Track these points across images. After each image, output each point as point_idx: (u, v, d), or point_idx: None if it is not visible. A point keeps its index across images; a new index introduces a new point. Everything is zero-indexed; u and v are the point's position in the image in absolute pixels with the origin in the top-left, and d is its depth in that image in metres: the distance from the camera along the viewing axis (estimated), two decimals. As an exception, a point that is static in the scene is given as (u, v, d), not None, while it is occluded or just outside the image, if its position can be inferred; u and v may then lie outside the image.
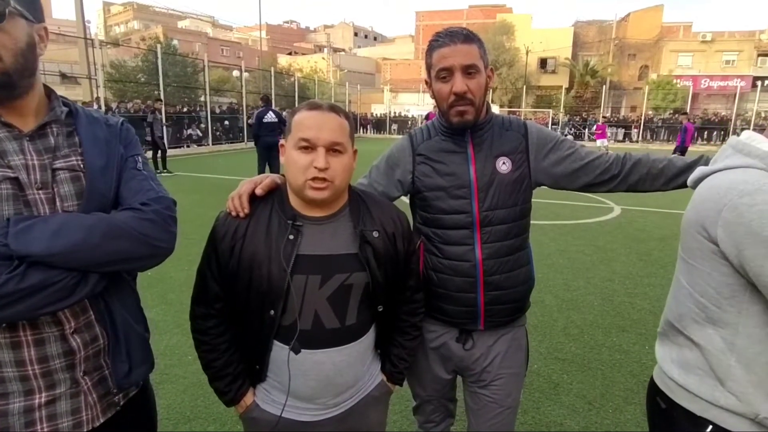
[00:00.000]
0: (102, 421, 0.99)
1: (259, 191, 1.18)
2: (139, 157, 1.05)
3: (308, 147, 1.08)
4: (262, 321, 1.13)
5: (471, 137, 1.40)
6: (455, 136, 1.41)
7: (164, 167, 11.39)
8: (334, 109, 1.12)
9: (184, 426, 2.37)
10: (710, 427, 0.99)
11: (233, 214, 1.15)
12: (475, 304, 1.39)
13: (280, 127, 8.66)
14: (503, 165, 1.38)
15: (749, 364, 0.94)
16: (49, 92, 0.99)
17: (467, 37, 1.30)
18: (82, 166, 0.96)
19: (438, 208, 1.40)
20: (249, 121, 9.78)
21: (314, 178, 1.07)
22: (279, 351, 1.15)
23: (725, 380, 0.97)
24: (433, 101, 1.44)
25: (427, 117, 14.90)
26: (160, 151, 11.57)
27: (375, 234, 1.17)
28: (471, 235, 1.37)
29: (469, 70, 1.29)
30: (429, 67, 1.37)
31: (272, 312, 1.11)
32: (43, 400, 0.91)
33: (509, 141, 1.41)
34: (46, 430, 0.92)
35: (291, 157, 1.10)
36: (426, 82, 1.42)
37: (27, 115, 0.93)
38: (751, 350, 0.94)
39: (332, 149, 1.09)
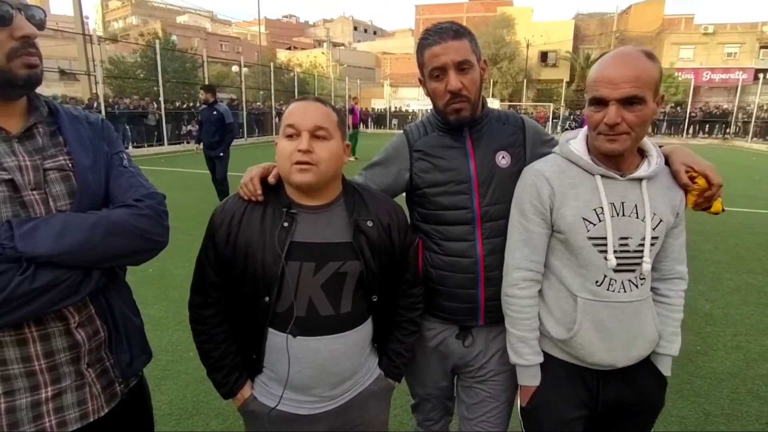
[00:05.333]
0: (107, 411, 1.02)
1: (271, 179, 1.21)
2: (124, 154, 1.08)
3: (293, 134, 1.12)
4: (257, 308, 1.16)
5: (469, 132, 1.39)
6: (453, 132, 1.40)
7: None
8: (319, 99, 1.19)
9: (186, 421, 2.39)
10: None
11: (246, 198, 1.20)
12: (476, 300, 1.39)
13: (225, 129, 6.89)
14: (503, 159, 1.38)
15: (543, 295, 1.31)
16: None
17: (457, 32, 1.29)
18: (71, 165, 0.98)
19: (438, 204, 1.39)
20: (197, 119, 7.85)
21: (298, 162, 1.11)
22: (274, 339, 1.17)
23: (540, 309, 1.32)
24: (427, 98, 1.42)
25: (352, 110, 14.44)
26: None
27: (369, 224, 1.20)
28: (472, 231, 1.37)
29: (462, 66, 1.29)
30: (421, 66, 1.36)
31: (267, 299, 1.14)
32: (49, 393, 0.93)
33: (507, 135, 1.41)
34: (54, 422, 0.94)
35: (279, 146, 1.16)
36: (420, 81, 1.41)
37: (14, 116, 0.95)
38: (542, 285, 1.32)
39: (316, 134, 1.13)
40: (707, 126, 26.90)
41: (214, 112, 6.83)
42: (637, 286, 1.22)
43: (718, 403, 2.60)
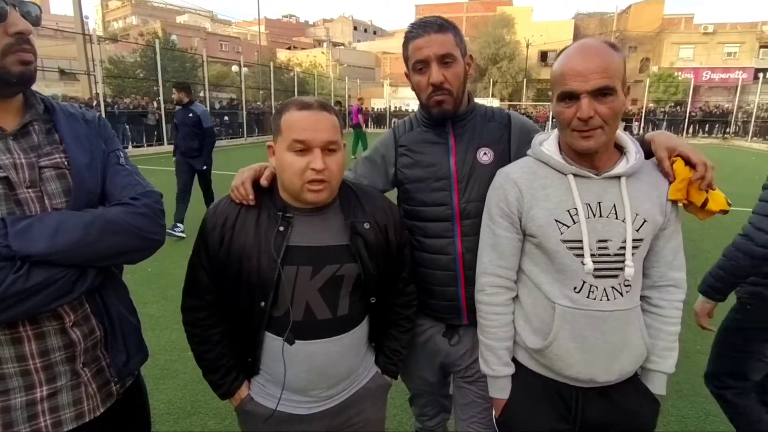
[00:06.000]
0: (102, 410, 1.02)
1: (263, 182, 1.19)
2: (121, 152, 1.07)
3: (304, 149, 1.07)
4: (253, 313, 1.14)
5: (452, 128, 1.38)
6: (436, 127, 1.40)
7: None
8: (324, 107, 1.12)
9: (184, 421, 2.38)
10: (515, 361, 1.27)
11: (237, 202, 1.17)
12: (457, 298, 1.38)
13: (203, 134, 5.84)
14: (485, 156, 1.37)
15: (521, 302, 1.24)
16: None
17: (441, 26, 1.29)
18: (66, 163, 0.97)
19: (418, 200, 1.39)
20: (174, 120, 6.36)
21: (312, 180, 1.07)
22: (271, 343, 1.16)
23: (514, 316, 1.26)
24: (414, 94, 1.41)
25: (360, 111, 14.33)
26: None
27: (366, 225, 1.18)
28: (451, 228, 1.36)
29: (445, 60, 1.28)
30: (406, 59, 1.36)
31: (263, 304, 1.12)
32: (44, 393, 0.93)
33: (492, 131, 1.40)
34: (49, 422, 0.93)
35: (284, 160, 1.09)
36: (406, 75, 1.40)
37: (9, 113, 0.95)
38: (520, 292, 1.25)
39: (328, 149, 1.09)
40: (707, 125, 26.87)
41: (190, 114, 5.80)
42: (621, 294, 1.12)
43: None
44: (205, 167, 5.98)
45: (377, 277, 1.20)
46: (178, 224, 5.79)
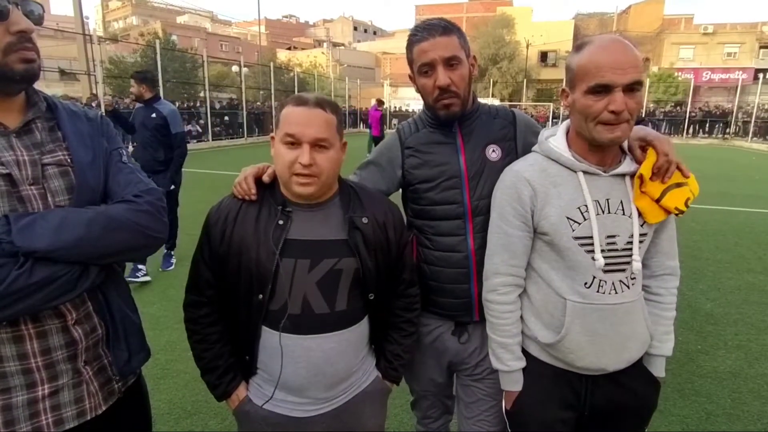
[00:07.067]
0: (104, 409, 1.02)
1: (266, 178, 1.21)
2: (123, 151, 1.07)
3: (293, 143, 1.10)
4: (250, 306, 1.15)
5: (459, 127, 1.40)
6: (443, 127, 1.41)
7: None
8: (320, 104, 1.13)
9: (185, 421, 2.38)
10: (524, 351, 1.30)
11: (240, 197, 1.19)
12: (469, 295, 1.39)
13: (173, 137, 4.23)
14: (493, 153, 1.38)
15: (531, 298, 1.27)
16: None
17: (445, 28, 1.29)
18: (69, 160, 0.97)
19: (429, 200, 1.40)
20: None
21: (299, 174, 1.09)
22: (268, 337, 1.16)
23: (523, 311, 1.28)
24: (418, 96, 1.42)
25: (382, 114, 14.27)
26: None
27: (364, 220, 1.19)
28: (463, 226, 1.37)
29: (450, 62, 1.29)
30: (410, 62, 1.37)
31: (260, 296, 1.13)
32: (46, 391, 0.93)
33: (498, 129, 1.41)
34: (50, 420, 0.93)
35: (278, 151, 1.13)
36: (410, 78, 1.41)
37: (12, 110, 0.95)
38: (530, 289, 1.27)
39: (318, 145, 1.11)
40: (707, 126, 26.89)
41: (153, 114, 4.13)
42: (628, 287, 1.17)
43: (719, 403, 2.59)
44: (173, 186, 4.17)
45: (376, 273, 1.20)
46: (140, 267, 4.08)
